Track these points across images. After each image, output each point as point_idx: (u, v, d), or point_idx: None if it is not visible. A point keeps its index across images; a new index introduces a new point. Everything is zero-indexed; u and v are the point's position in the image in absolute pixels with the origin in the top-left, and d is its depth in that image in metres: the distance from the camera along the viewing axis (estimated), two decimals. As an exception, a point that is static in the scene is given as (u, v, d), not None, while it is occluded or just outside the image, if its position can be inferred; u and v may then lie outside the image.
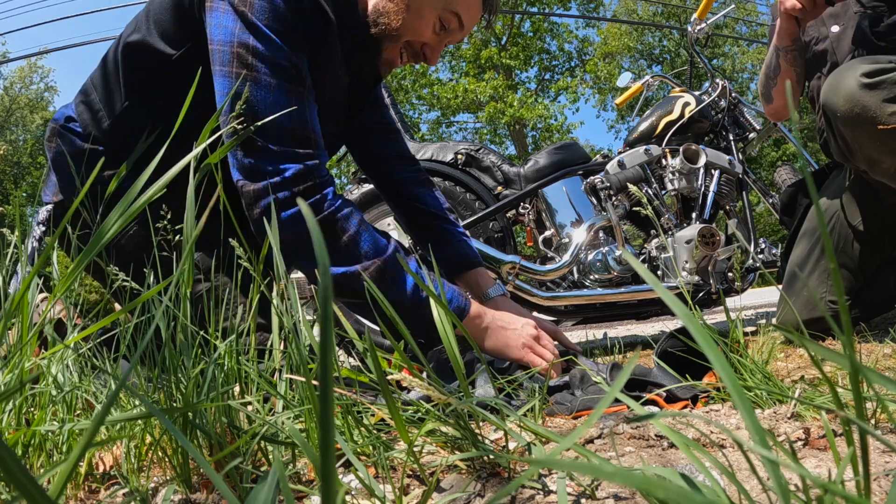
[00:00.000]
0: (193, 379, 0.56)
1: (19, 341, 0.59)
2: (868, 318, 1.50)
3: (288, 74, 0.92)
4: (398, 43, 1.09)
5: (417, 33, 1.07)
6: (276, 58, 0.91)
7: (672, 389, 0.82)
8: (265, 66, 0.90)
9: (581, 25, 18.25)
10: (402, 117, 2.38)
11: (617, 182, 2.12)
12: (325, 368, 0.18)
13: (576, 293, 2.01)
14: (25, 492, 0.20)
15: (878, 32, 1.29)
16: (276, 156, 0.89)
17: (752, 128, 2.39)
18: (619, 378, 0.28)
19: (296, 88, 0.93)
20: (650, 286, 1.18)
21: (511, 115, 14.32)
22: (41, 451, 0.56)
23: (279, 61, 0.91)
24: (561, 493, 0.37)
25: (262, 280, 0.67)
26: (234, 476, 0.48)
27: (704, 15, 2.44)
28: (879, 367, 0.92)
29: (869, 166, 1.23)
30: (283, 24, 0.92)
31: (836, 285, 0.24)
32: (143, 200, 0.44)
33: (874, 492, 0.42)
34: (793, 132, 2.35)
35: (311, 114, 0.95)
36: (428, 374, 0.58)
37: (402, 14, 1.05)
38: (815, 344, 0.28)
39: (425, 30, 1.07)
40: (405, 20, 1.05)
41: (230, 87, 0.90)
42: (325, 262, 0.18)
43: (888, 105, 1.11)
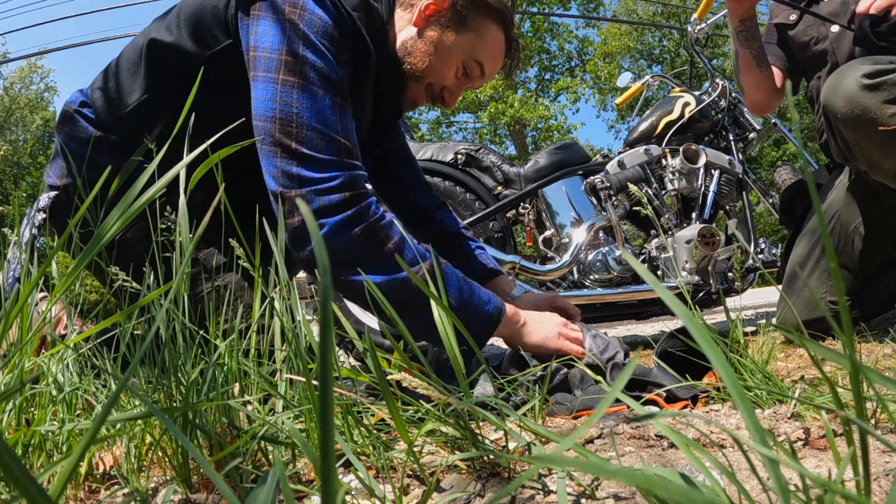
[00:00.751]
0: (193, 379, 0.56)
1: (19, 341, 0.59)
2: (868, 318, 1.50)
3: (335, 88, 0.92)
4: (422, 83, 1.11)
5: (440, 76, 1.10)
6: (326, 70, 0.91)
7: (672, 389, 0.82)
8: (315, 76, 0.90)
9: (581, 25, 18.27)
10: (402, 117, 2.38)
11: (617, 182, 2.12)
12: (324, 368, 0.18)
13: (576, 293, 2.01)
14: (25, 491, 0.20)
15: (879, 32, 1.28)
16: (322, 164, 0.88)
17: (752, 128, 2.39)
18: (620, 378, 0.28)
19: (341, 102, 0.93)
20: (650, 286, 1.18)
21: (511, 116, 14.32)
22: (41, 451, 0.56)
23: (328, 74, 0.91)
24: (561, 492, 0.37)
25: (268, 281, 0.67)
26: (234, 476, 0.48)
27: (704, 15, 2.44)
28: (879, 367, 0.92)
29: (869, 167, 1.23)
30: (331, 41, 0.93)
31: (837, 285, 0.24)
32: (143, 200, 0.44)
33: (874, 492, 0.42)
34: (793, 132, 2.36)
35: (353, 128, 0.95)
36: (428, 374, 0.58)
37: (429, 56, 1.07)
38: (815, 344, 0.28)
39: (448, 74, 1.10)
40: (431, 62, 1.08)
41: (274, 93, 0.89)
42: (325, 262, 0.18)
43: (888, 106, 1.11)
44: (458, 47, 1.08)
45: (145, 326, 0.84)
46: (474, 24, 1.08)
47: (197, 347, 0.61)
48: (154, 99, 1.04)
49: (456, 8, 1.07)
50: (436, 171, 2.18)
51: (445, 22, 1.08)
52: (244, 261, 0.68)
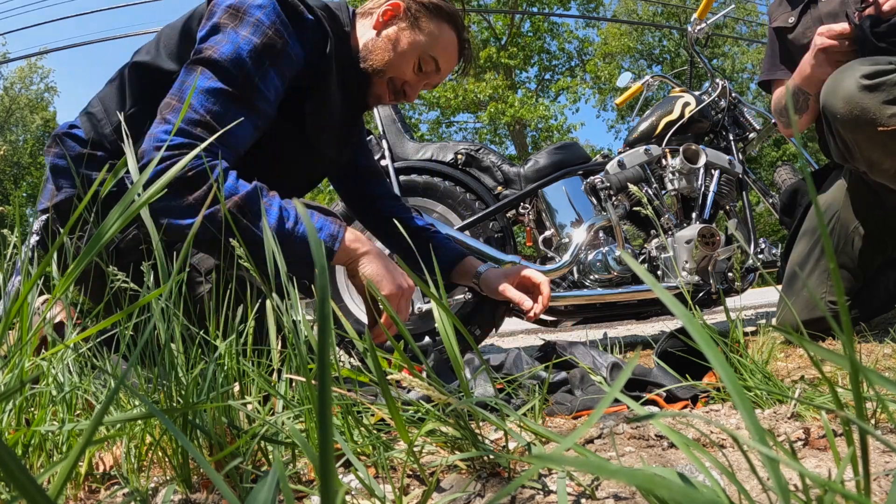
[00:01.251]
0: (193, 379, 0.56)
1: (19, 341, 0.59)
2: (868, 318, 1.50)
3: (235, 84, 1.00)
4: (384, 78, 1.23)
5: (400, 71, 1.22)
6: (230, 67, 0.99)
7: (672, 389, 0.82)
8: (213, 70, 0.99)
9: (581, 25, 18.25)
10: (402, 117, 2.38)
11: (617, 182, 2.12)
12: (323, 368, 0.18)
13: (576, 293, 2.01)
14: (25, 491, 0.20)
15: (879, 33, 1.28)
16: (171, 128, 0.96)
17: (752, 128, 2.39)
18: (620, 378, 0.28)
19: (237, 97, 1.00)
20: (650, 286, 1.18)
21: (511, 116, 14.31)
22: (41, 451, 0.56)
23: (231, 70, 0.99)
24: (561, 492, 0.37)
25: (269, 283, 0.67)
26: (234, 476, 0.48)
27: (704, 15, 2.44)
28: (879, 367, 0.92)
29: (869, 168, 1.23)
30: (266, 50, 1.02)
31: (836, 285, 0.24)
32: (142, 201, 0.44)
33: (874, 492, 0.42)
34: (794, 136, 2.36)
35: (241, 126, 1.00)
36: (428, 373, 0.58)
37: (387, 53, 1.21)
38: (815, 344, 0.28)
39: (406, 69, 1.22)
40: (390, 58, 1.21)
41: (185, 76, 1.01)
42: (323, 262, 0.18)
43: (888, 107, 1.11)
44: (413, 44, 1.21)
45: (145, 326, 0.85)
46: (427, 24, 1.22)
47: (197, 348, 0.61)
48: (139, 111, 1.10)
49: (410, 11, 1.21)
50: (436, 171, 2.18)
51: (401, 23, 1.22)
52: (244, 260, 0.68)
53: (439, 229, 1.50)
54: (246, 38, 1.02)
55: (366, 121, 1.66)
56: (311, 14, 1.11)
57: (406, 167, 2.19)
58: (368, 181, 1.52)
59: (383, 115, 2.32)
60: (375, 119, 2.32)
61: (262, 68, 1.02)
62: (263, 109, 1.04)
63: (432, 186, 2.17)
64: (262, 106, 1.04)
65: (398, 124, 2.32)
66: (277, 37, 1.04)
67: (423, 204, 2.18)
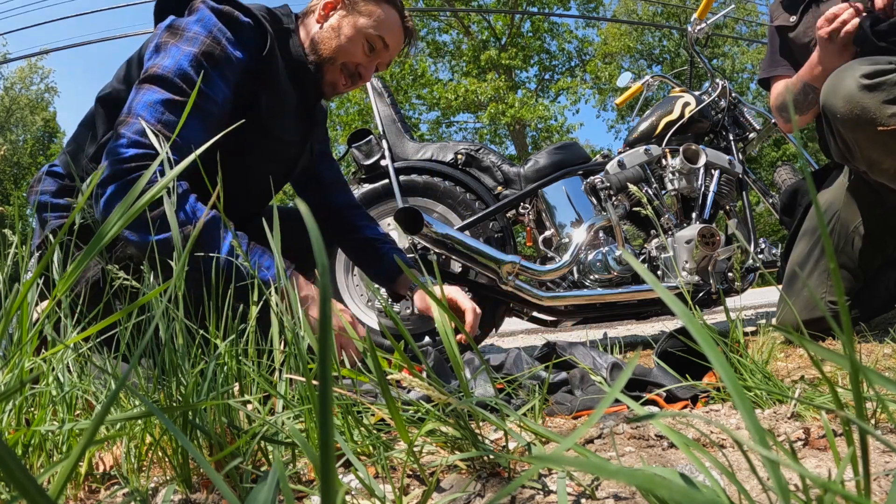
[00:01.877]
0: (193, 379, 0.56)
1: (19, 341, 0.59)
2: (868, 318, 1.50)
3: (181, 92, 1.05)
4: (336, 65, 1.29)
5: (349, 55, 1.28)
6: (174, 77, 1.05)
7: (672, 389, 0.82)
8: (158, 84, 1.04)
9: (581, 25, 18.24)
10: (402, 117, 2.38)
11: (617, 182, 2.12)
12: (324, 368, 0.18)
13: (576, 293, 2.01)
14: (25, 492, 0.20)
15: (879, 32, 1.28)
16: (126, 142, 1.00)
17: (752, 128, 2.39)
18: (620, 378, 0.28)
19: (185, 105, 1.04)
20: (650, 286, 1.18)
21: (511, 116, 14.31)
22: (41, 451, 0.55)
23: (175, 80, 1.05)
24: (561, 492, 0.37)
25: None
26: (234, 476, 0.48)
27: (704, 15, 2.44)
28: (879, 367, 0.92)
29: (869, 167, 1.23)
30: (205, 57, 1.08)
31: (836, 285, 0.24)
32: (143, 202, 0.44)
33: (874, 492, 0.42)
34: (793, 132, 2.36)
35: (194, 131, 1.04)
36: (428, 373, 0.58)
37: (334, 40, 1.27)
38: (815, 344, 0.28)
39: (356, 51, 1.28)
40: (338, 44, 1.27)
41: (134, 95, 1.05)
42: (325, 262, 0.18)
43: (888, 106, 1.11)
44: (357, 28, 1.27)
45: (145, 325, 0.85)
46: (366, 6, 1.28)
47: (197, 347, 0.61)
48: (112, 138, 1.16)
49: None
50: (436, 171, 2.18)
51: (341, 11, 1.28)
52: (244, 260, 0.68)
53: (393, 241, 1.58)
54: (186, 51, 1.07)
55: (366, 121, 1.70)
56: (247, 16, 1.16)
57: (406, 167, 2.19)
58: (334, 192, 1.57)
59: (383, 115, 2.32)
60: (375, 119, 2.32)
61: (206, 75, 1.07)
62: (213, 112, 1.09)
63: (432, 186, 2.17)
64: (212, 109, 1.08)
65: (398, 124, 2.32)
66: (215, 44, 1.09)
67: (423, 204, 2.18)
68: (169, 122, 1.02)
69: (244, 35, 1.15)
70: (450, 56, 16.63)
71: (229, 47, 1.11)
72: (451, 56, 16.60)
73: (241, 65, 1.14)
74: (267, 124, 1.22)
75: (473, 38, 15.92)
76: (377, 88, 2.40)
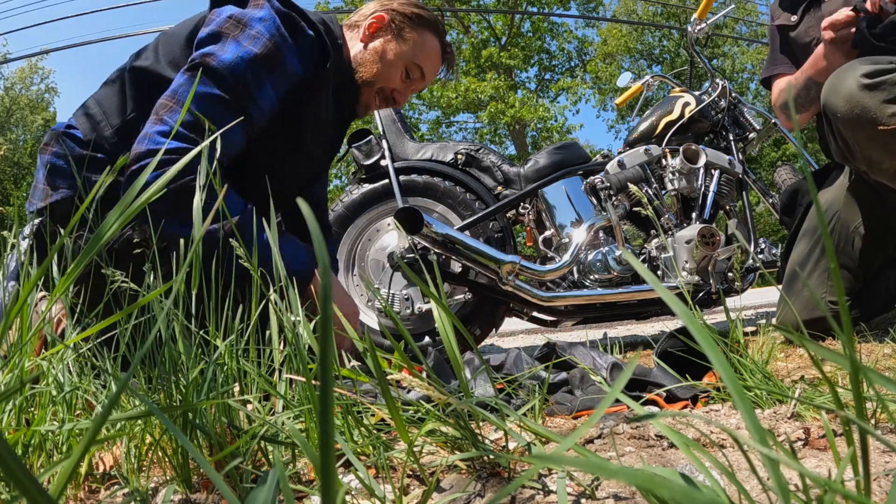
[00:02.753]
0: (193, 379, 0.56)
1: (19, 341, 0.59)
2: (868, 318, 1.50)
3: (231, 91, 1.03)
4: (373, 88, 1.30)
5: (388, 80, 1.30)
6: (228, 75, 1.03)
7: (672, 389, 0.82)
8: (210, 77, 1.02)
9: (581, 25, 18.24)
10: (402, 117, 2.38)
11: (617, 182, 2.12)
12: (325, 368, 0.18)
13: (576, 293, 2.01)
14: (26, 491, 0.20)
15: (877, 34, 1.28)
16: (168, 131, 0.99)
17: (752, 128, 2.39)
18: (620, 378, 0.28)
19: (232, 105, 1.03)
20: (650, 286, 1.19)
21: (511, 116, 14.31)
22: (41, 451, 0.55)
23: (228, 78, 1.03)
24: (561, 492, 0.37)
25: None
26: (234, 476, 0.48)
27: (704, 15, 2.44)
28: (879, 367, 0.92)
29: (869, 167, 1.23)
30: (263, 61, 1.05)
31: (837, 285, 0.24)
32: (143, 199, 0.44)
33: (874, 492, 0.42)
34: (793, 132, 2.36)
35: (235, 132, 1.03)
36: (428, 373, 0.58)
37: (376, 65, 1.28)
38: (815, 344, 0.28)
39: (394, 77, 1.30)
40: (379, 69, 1.28)
41: (182, 80, 1.04)
42: (326, 261, 0.18)
43: (888, 106, 1.11)
44: (399, 54, 1.28)
45: (145, 326, 0.85)
46: (410, 34, 1.29)
47: (197, 347, 0.61)
48: (139, 117, 1.10)
49: (394, 23, 1.28)
50: (436, 171, 2.18)
51: (386, 35, 1.29)
52: (244, 260, 0.68)
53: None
54: (245, 49, 1.04)
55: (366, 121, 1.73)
56: (311, 29, 1.15)
57: (406, 167, 2.19)
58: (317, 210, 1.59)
59: (383, 115, 2.32)
60: (375, 119, 2.32)
61: (259, 79, 1.05)
62: (256, 118, 1.07)
63: (432, 186, 2.17)
64: (256, 114, 1.07)
65: (398, 124, 2.32)
66: (276, 49, 1.07)
67: (423, 204, 2.18)
68: (214, 119, 1.00)
69: (305, 46, 1.13)
70: (449, 56, 16.60)
71: (288, 56, 1.09)
72: (451, 56, 16.57)
73: (296, 77, 1.12)
74: (301, 138, 1.21)
75: (473, 36, 15.92)
76: (377, 88, 2.40)
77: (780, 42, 1.64)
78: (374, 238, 2.25)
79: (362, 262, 2.26)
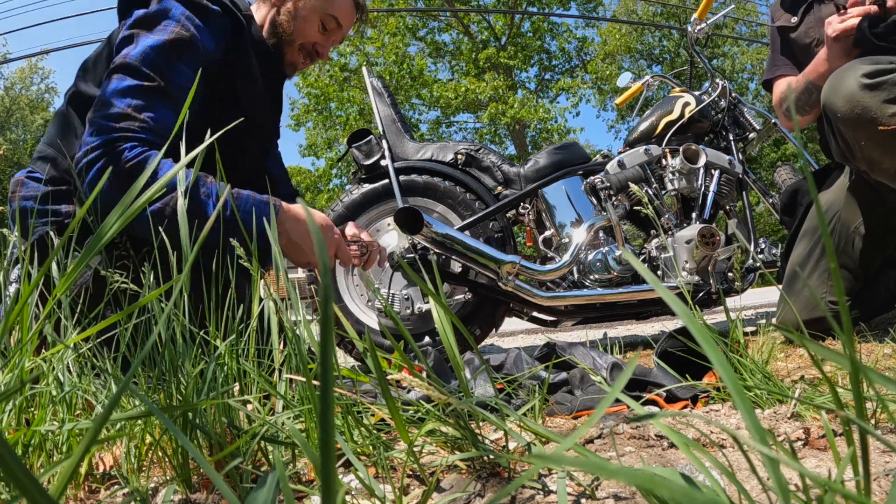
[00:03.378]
0: (193, 379, 0.56)
1: (19, 341, 0.59)
2: (868, 318, 1.50)
3: (147, 78, 1.08)
4: (294, 47, 1.37)
5: (307, 36, 1.36)
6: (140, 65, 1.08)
7: (672, 389, 0.82)
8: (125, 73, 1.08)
9: (581, 25, 18.23)
10: (402, 117, 2.38)
11: (617, 182, 2.11)
12: (325, 368, 0.18)
13: (576, 293, 2.01)
14: (26, 491, 0.20)
15: (878, 33, 1.28)
16: (98, 127, 1.04)
17: (752, 128, 2.39)
18: (620, 378, 0.28)
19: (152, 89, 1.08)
20: (650, 286, 1.19)
21: (511, 117, 14.30)
22: (41, 451, 0.55)
23: (141, 68, 1.08)
24: (561, 492, 0.37)
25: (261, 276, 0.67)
26: (234, 476, 0.48)
27: (704, 15, 2.44)
28: (879, 367, 0.92)
29: (869, 167, 1.23)
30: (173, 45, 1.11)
31: (837, 285, 0.24)
32: (143, 200, 0.44)
33: (874, 492, 0.42)
34: (793, 132, 2.36)
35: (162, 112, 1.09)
36: (428, 373, 0.58)
37: (291, 23, 1.34)
38: (816, 344, 0.28)
39: (312, 32, 1.36)
40: (295, 27, 1.34)
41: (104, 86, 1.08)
42: (326, 262, 0.18)
43: (888, 106, 1.11)
44: (311, 9, 1.34)
45: (145, 326, 0.85)
46: None
47: (197, 348, 0.61)
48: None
49: None
50: (436, 171, 2.18)
51: None
52: (244, 260, 0.68)
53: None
54: (154, 39, 1.10)
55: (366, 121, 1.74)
56: (216, 5, 1.20)
57: (406, 167, 2.19)
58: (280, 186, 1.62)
59: (383, 116, 2.32)
60: (375, 119, 2.32)
61: (170, 62, 1.10)
62: (178, 97, 1.12)
63: (432, 186, 2.17)
64: (175, 93, 1.11)
65: (398, 124, 2.32)
66: (184, 31, 1.13)
67: (423, 204, 2.18)
68: (138, 106, 1.05)
69: (214, 23, 1.19)
70: (450, 56, 16.62)
71: (199, 36, 1.15)
72: (451, 56, 16.59)
73: (211, 52, 1.17)
74: (244, 105, 1.26)
75: (473, 37, 15.92)
76: (377, 88, 2.40)
77: (781, 43, 1.64)
78: (374, 238, 2.24)
79: (362, 262, 2.26)
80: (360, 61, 14.82)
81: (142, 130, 1.05)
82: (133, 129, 1.04)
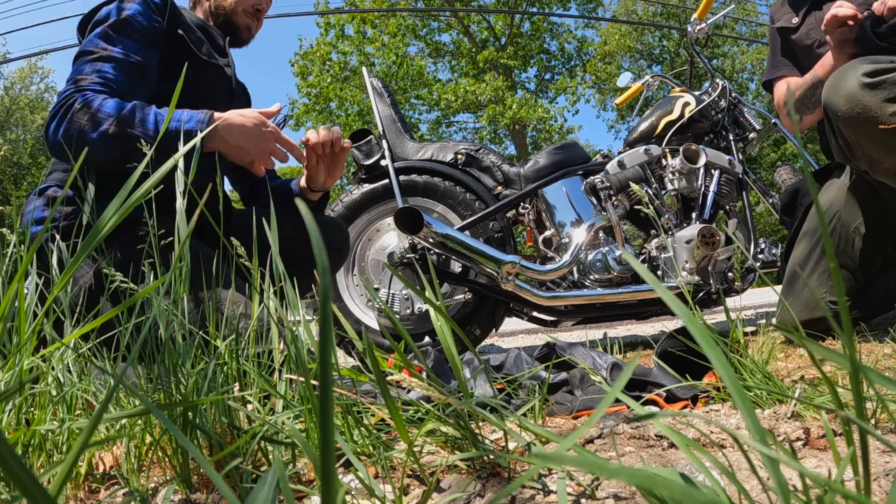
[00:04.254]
0: (193, 378, 0.56)
1: (18, 341, 0.58)
2: (868, 318, 1.50)
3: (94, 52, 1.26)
4: (239, 14, 1.54)
5: (244, 1, 1.54)
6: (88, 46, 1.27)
7: (672, 389, 0.82)
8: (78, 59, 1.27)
9: (581, 25, 18.22)
10: (402, 117, 2.38)
11: (617, 182, 2.11)
12: (324, 368, 0.18)
13: (576, 293, 2.01)
14: (26, 491, 0.20)
15: (880, 33, 1.28)
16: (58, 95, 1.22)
17: (752, 128, 2.39)
18: (620, 378, 0.28)
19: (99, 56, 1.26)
20: (650, 286, 1.19)
21: (511, 117, 14.30)
22: (41, 450, 0.55)
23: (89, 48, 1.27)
24: (561, 492, 0.37)
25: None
26: (234, 476, 0.48)
27: (704, 15, 2.44)
28: (879, 367, 0.92)
29: (869, 166, 1.23)
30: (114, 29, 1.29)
31: (837, 285, 0.24)
32: (139, 193, 0.44)
33: (874, 492, 0.42)
34: (797, 132, 2.35)
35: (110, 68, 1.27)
36: (428, 374, 0.58)
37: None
38: (815, 344, 0.28)
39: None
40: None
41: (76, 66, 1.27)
42: (325, 263, 0.18)
43: (889, 105, 1.11)
44: None
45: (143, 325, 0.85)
46: None
47: (197, 348, 0.61)
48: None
49: None
50: (436, 171, 2.18)
51: None
52: (245, 260, 0.68)
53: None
54: (99, 28, 1.28)
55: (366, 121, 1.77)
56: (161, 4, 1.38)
57: (406, 167, 2.19)
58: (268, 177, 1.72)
59: (383, 116, 2.32)
60: (375, 119, 2.32)
61: (111, 40, 1.27)
62: (122, 59, 1.28)
63: (432, 186, 2.17)
64: (120, 57, 1.28)
65: (398, 124, 2.32)
66: (119, 14, 1.29)
67: (423, 204, 2.18)
68: (89, 71, 1.24)
69: (153, 6, 1.35)
70: (450, 56, 16.63)
71: (136, 17, 1.30)
72: (451, 56, 16.60)
73: (148, 28, 1.32)
74: (200, 50, 1.41)
75: (472, 37, 15.92)
76: (377, 88, 2.40)
77: (781, 44, 1.64)
78: (374, 238, 2.25)
79: (362, 262, 2.26)
80: (360, 61, 14.82)
81: (91, 84, 1.22)
82: (82, 87, 1.22)
